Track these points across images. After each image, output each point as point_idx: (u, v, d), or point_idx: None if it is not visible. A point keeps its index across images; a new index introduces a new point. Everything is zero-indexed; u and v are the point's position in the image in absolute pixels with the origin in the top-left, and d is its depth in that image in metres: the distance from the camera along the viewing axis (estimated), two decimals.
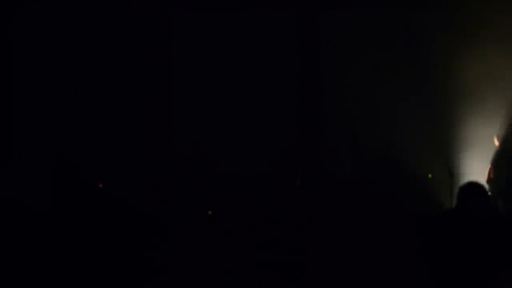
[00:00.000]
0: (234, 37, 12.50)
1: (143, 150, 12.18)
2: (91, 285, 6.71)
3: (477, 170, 11.41)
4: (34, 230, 7.03)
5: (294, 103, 12.63)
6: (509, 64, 11.85)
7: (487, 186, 10.32)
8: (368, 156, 12.06)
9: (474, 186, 5.60)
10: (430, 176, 11.73)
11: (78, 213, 6.89)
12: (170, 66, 12.67)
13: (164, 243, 8.48)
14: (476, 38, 11.75)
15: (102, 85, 12.27)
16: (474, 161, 11.75)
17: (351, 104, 12.24)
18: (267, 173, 11.87)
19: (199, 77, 12.53)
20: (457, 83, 11.99)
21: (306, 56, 12.69)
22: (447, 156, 11.78)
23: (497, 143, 11.24)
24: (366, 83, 12.17)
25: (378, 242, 8.94)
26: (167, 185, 11.72)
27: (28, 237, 7.00)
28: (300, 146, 12.56)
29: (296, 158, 12.40)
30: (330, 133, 12.49)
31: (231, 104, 12.48)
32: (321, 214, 10.84)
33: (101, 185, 9.92)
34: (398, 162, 11.75)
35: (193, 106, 12.51)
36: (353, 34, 12.35)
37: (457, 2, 11.78)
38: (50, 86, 12.20)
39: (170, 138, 12.59)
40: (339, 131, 12.33)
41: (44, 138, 11.99)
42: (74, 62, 12.22)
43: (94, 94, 12.25)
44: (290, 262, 8.32)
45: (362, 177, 11.70)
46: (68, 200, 6.95)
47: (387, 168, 11.76)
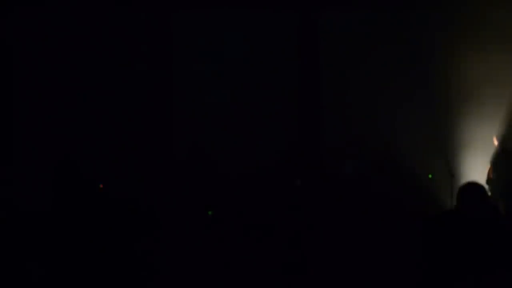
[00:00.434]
0: (235, 37, 12.52)
1: (143, 150, 12.20)
2: (93, 283, 6.73)
3: (477, 170, 11.42)
4: (34, 230, 7.05)
5: (294, 103, 12.64)
6: (509, 64, 11.86)
7: (487, 186, 10.34)
8: (368, 156, 12.06)
9: (474, 186, 5.61)
10: (430, 176, 11.73)
11: (79, 213, 6.90)
12: (170, 67, 12.68)
13: (164, 243, 8.50)
14: (476, 38, 11.76)
15: (102, 86, 12.28)
16: (474, 161, 11.75)
17: (351, 104, 12.26)
18: (267, 173, 11.87)
19: (199, 77, 12.54)
20: (457, 83, 12.00)
21: (307, 56, 12.71)
22: (447, 156, 11.77)
23: (496, 143, 11.25)
24: (366, 84, 12.18)
25: (378, 242, 8.96)
26: (167, 185, 11.73)
27: (28, 237, 7.01)
28: (300, 146, 12.58)
29: (296, 158, 12.41)
30: (330, 133, 12.51)
31: (231, 104, 12.49)
32: (321, 214, 10.85)
33: (101, 185, 9.95)
34: (398, 162, 11.75)
35: (193, 106, 12.52)
36: (353, 35, 12.36)
37: (457, 2, 11.78)
38: (50, 87, 12.20)
39: (170, 138, 12.60)
40: (339, 131, 12.34)
41: (44, 138, 11.99)
42: (74, 63, 12.23)
43: (94, 95, 12.25)
44: (290, 262, 8.34)
45: (362, 177, 11.70)
46: (69, 200, 6.96)
47: (387, 168, 11.76)
